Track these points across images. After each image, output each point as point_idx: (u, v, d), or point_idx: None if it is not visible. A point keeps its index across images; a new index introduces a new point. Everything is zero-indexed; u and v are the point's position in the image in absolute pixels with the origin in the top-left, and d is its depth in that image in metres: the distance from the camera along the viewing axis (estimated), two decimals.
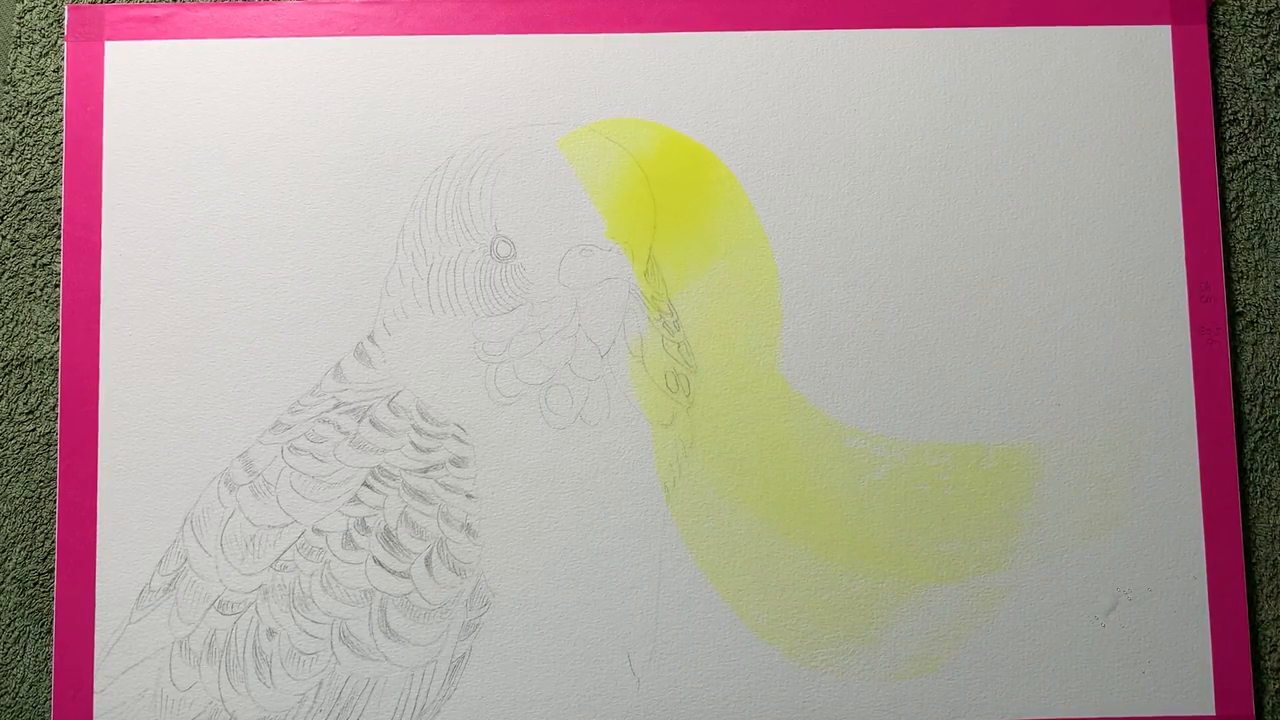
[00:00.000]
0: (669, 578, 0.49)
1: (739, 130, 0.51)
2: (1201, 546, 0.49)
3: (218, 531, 0.49)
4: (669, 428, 0.50)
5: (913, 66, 0.52)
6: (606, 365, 0.50)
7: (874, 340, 0.50)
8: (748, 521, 0.49)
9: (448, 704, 0.48)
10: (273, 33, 0.52)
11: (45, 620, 0.50)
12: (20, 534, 0.50)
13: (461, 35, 0.52)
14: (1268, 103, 0.52)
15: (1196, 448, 0.50)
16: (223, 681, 0.48)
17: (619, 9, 0.52)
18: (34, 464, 0.50)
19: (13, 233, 0.51)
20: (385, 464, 0.49)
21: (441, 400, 0.50)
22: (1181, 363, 0.50)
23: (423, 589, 0.49)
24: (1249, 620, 0.49)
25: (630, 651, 0.49)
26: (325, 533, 0.49)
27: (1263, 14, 0.53)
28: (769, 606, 0.49)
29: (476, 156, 0.51)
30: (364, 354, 0.50)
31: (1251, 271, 0.52)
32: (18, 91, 0.52)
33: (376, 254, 0.50)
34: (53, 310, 0.51)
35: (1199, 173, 0.51)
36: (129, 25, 0.51)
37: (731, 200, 0.51)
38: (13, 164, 0.52)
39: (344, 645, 0.48)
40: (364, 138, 0.51)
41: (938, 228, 0.51)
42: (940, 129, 0.51)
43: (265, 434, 0.50)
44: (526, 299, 0.50)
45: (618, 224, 0.51)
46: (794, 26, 0.52)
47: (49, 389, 0.51)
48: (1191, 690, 0.48)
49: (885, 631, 0.49)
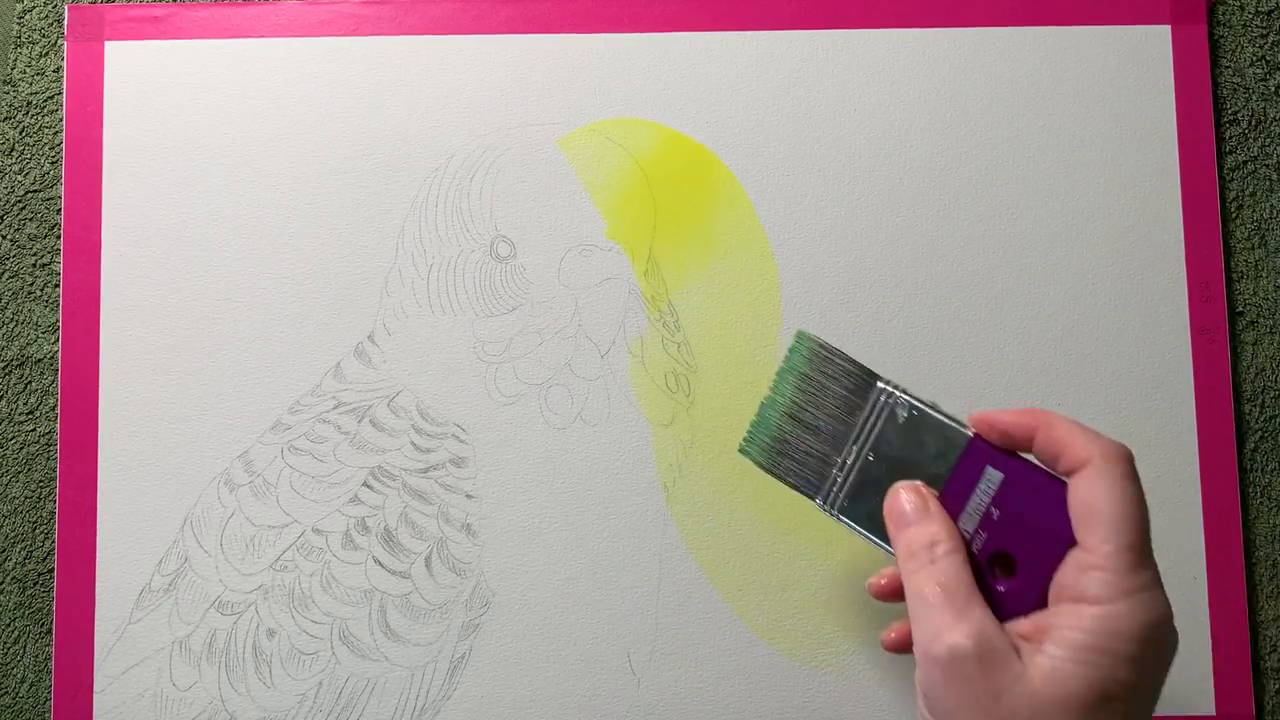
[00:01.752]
0: (669, 578, 0.49)
1: (739, 130, 0.51)
2: (1201, 546, 0.49)
3: (218, 531, 0.49)
4: (669, 428, 0.50)
5: (913, 66, 0.52)
6: (606, 365, 0.50)
7: (874, 340, 0.50)
8: (748, 521, 0.49)
9: (448, 704, 0.48)
10: (273, 33, 0.52)
11: (45, 620, 0.50)
12: (20, 534, 0.50)
13: (461, 35, 0.52)
14: (1268, 103, 0.52)
15: (1196, 448, 0.50)
16: (223, 681, 0.48)
17: (619, 9, 0.52)
18: (34, 464, 0.50)
19: (13, 233, 0.51)
20: (385, 464, 0.49)
21: (441, 400, 0.50)
22: (1181, 363, 0.50)
23: (423, 589, 0.49)
24: (1249, 620, 0.49)
25: (630, 651, 0.49)
26: (325, 533, 0.49)
27: (1263, 14, 0.53)
28: (769, 606, 0.49)
29: (476, 156, 0.51)
30: (364, 354, 0.50)
31: (1251, 271, 0.52)
32: (18, 91, 0.52)
33: (376, 254, 0.50)
34: (53, 310, 0.51)
35: (1199, 173, 0.51)
36: (129, 25, 0.51)
37: (731, 200, 0.51)
38: (13, 164, 0.52)
39: (344, 645, 0.48)
40: (364, 138, 0.51)
41: (938, 228, 0.51)
42: (940, 129, 0.51)
43: (265, 434, 0.50)
44: (526, 299, 0.50)
45: (618, 224, 0.51)
46: (794, 26, 0.52)
47: (49, 389, 0.51)
48: (1191, 690, 0.48)
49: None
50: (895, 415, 0.38)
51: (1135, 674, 0.32)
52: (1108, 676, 0.32)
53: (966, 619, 0.34)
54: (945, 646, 0.33)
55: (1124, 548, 0.33)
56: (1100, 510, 0.33)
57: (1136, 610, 0.32)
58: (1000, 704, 0.32)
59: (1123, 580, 0.32)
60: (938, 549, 0.36)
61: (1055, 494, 0.35)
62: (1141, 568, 0.33)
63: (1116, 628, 0.32)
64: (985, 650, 0.33)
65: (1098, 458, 0.34)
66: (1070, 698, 0.32)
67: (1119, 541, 0.33)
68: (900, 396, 0.38)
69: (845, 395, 0.39)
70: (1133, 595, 0.32)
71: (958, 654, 0.33)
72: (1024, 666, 0.33)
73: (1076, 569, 0.33)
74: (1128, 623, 0.32)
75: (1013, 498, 0.36)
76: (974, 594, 0.35)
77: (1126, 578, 0.32)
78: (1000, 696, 0.32)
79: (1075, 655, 0.32)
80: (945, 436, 0.37)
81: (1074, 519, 0.34)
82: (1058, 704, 0.32)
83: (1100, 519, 0.33)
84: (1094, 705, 0.32)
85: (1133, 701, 0.32)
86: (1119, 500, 0.33)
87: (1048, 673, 0.32)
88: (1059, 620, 0.33)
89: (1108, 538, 0.33)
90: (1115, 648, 0.32)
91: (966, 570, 0.35)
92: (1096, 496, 0.34)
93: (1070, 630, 0.32)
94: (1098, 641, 0.32)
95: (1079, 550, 0.34)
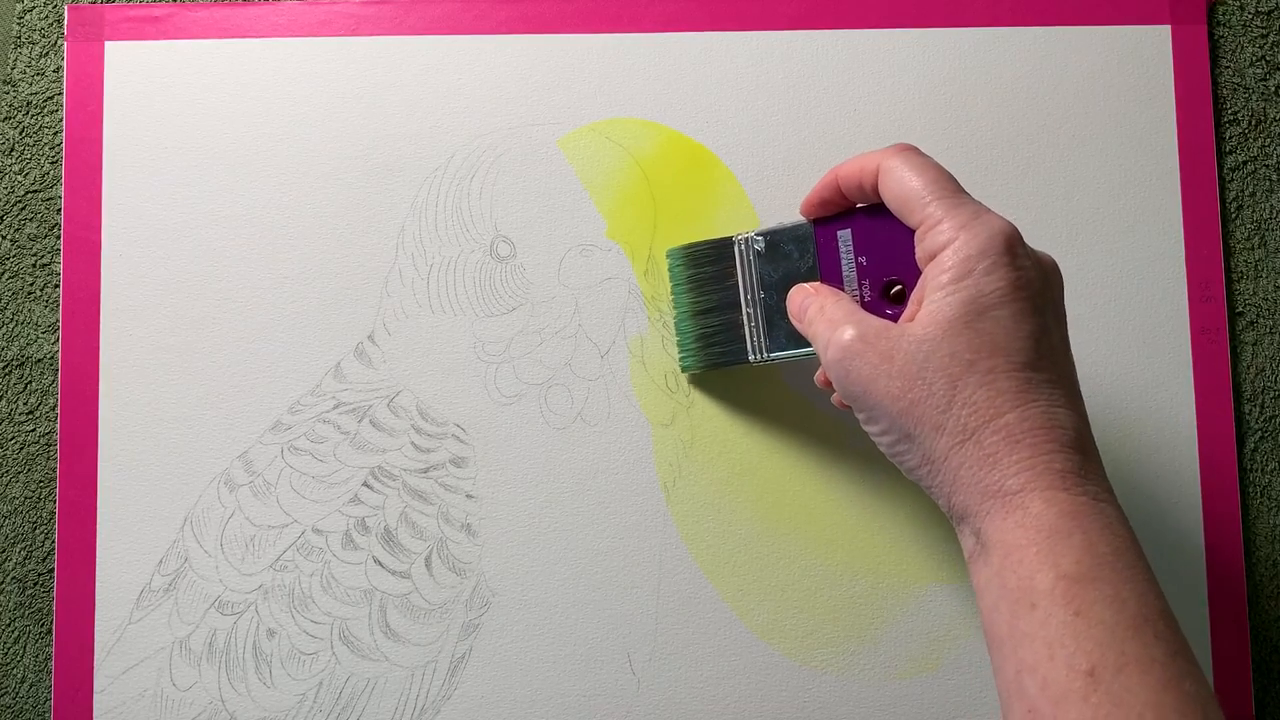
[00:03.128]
0: (669, 578, 0.49)
1: (739, 130, 0.51)
2: (1201, 546, 0.49)
3: (218, 531, 0.49)
4: (669, 428, 0.50)
5: (913, 66, 0.52)
6: (606, 365, 0.50)
7: None
8: (748, 521, 0.49)
9: (448, 704, 0.48)
10: (273, 33, 0.52)
11: (45, 620, 0.50)
12: (20, 534, 0.50)
13: (461, 35, 0.52)
14: (1268, 103, 0.52)
15: (1196, 448, 0.50)
16: (223, 681, 0.48)
17: (619, 9, 0.52)
18: (34, 464, 0.50)
19: (13, 233, 0.51)
20: (385, 464, 0.49)
21: (441, 400, 0.50)
22: (1181, 363, 0.50)
23: (423, 589, 0.49)
24: (1249, 620, 0.49)
25: (630, 651, 0.49)
26: (325, 533, 0.49)
27: (1263, 14, 0.53)
28: (769, 606, 0.49)
29: (476, 156, 0.51)
30: (364, 354, 0.50)
31: (1251, 271, 0.52)
32: (18, 91, 0.52)
33: (376, 254, 0.50)
34: (53, 310, 0.51)
35: (1199, 173, 0.51)
36: (129, 25, 0.51)
37: (731, 200, 0.51)
38: (13, 164, 0.52)
39: (344, 645, 0.48)
40: (364, 138, 0.51)
41: None
42: (940, 129, 0.51)
43: (265, 434, 0.50)
44: (526, 299, 0.50)
45: (618, 224, 0.51)
46: (794, 26, 0.52)
47: (49, 389, 0.51)
48: None
49: (885, 631, 0.49)
50: (757, 250, 0.44)
51: (1002, 281, 0.34)
52: (975, 293, 0.34)
53: (844, 320, 0.38)
54: (835, 346, 0.37)
55: (939, 198, 0.36)
56: (906, 188, 0.37)
57: (978, 231, 0.35)
58: (895, 361, 0.35)
59: (954, 219, 0.35)
60: (814, 295, 0.41)
61: (886, 213, 0.39)
62: (962, 204, 0.36)
63: (968, 253, 0.35)
64: (864, 330, 0.37)
65: (883, 160, 0.38)
66: (951, 322, 0.34)
67: (934, 196, 0.36)
68: (750, 235, 0.44)
69: (718, 268, 0.45)
70: (969, 224, 0.35)
71: (843, 343, 0.37)
72: (907, 326, 0.36)
73: (920, 241, 0.37)
74: (974, 244, 0.35)
75: (866, 240, 0.40)
76: (854, 309, 0.38)
77: (955, 215, 0.35)
78: (893, 356, 0.36)
79: (945, 291, 0.35)
80: (796, 236, 0.43)
81: (897, 213, 0.38)
82: (943, 333, 0.35)
83: (910, 193, 0.37)
84: (973, 319, 0.34)
85: (1014, 305, 0.34)
86: (915, 172, 0.37)
87: (926, 315, 0.35)
88: (926, 279, 0.36)
89: (925, 202, 0.36)
90: (972, 267, 0.35)
91: (844, 299, 0.40)
92: (897, 182, 0.37)
93: (935, 277, 0.35)
94: (957, 271, 0.35)
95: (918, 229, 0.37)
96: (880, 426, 0.37)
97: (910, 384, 0.35)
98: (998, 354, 0.34)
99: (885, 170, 0.38)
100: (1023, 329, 0.34)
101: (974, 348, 0.34)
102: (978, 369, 0.34)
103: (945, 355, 0.34)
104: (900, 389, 0.35)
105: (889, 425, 0.36)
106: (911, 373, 0.35)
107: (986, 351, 0.34)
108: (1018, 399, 0.34)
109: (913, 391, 0.35)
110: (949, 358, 0.34)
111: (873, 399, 0.36)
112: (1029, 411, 0.34)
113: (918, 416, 0.35)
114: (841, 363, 0.37)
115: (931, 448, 0.35)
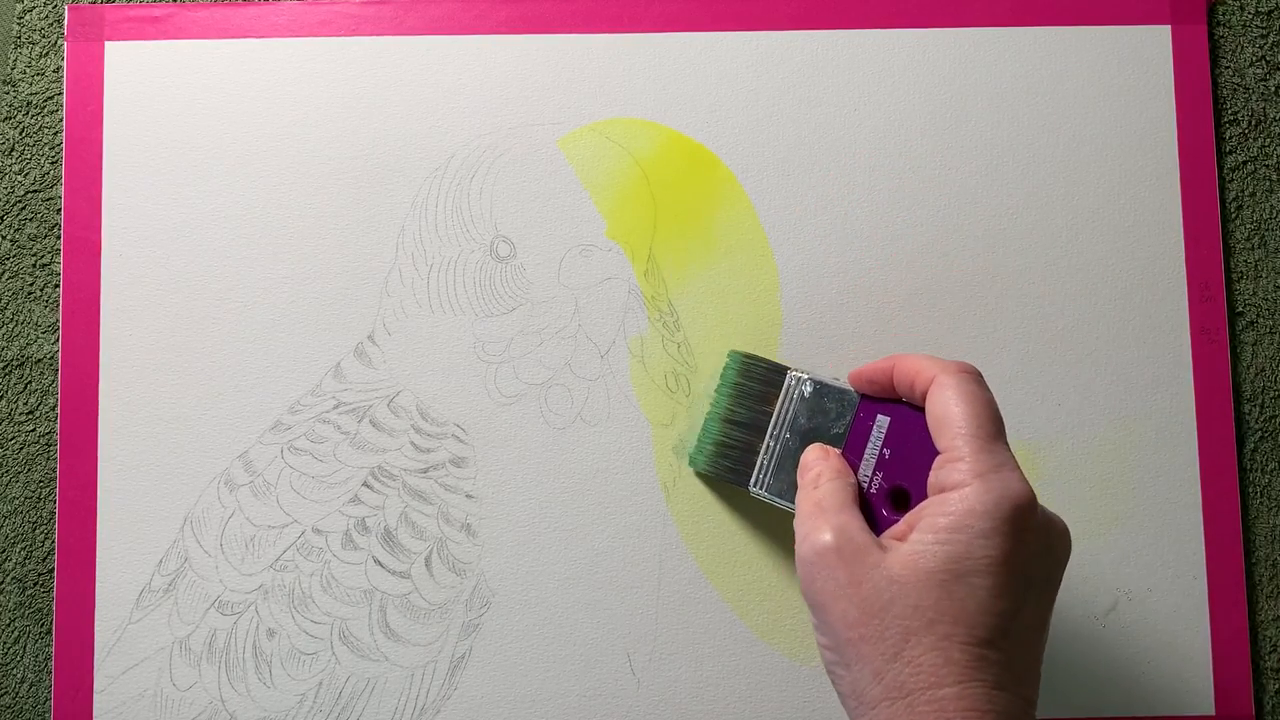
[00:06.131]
0: (669, 578, 0.49)
1: (739, 130, 0.51)
2: (1201, 546, 0.49)
3: (218, 531, 0.49)
4: (669, 428, 0.50)
5: (913, 66, 0.52)
6: (606, 365, 0.50)
7: (874, 340, 0.50)
8: (748, 521, 0.49)
9: (448, 704, 0.48)
10: (273, 33, 0.52)
11: (45, 620, 0.50)
12: (20, 534, 0.50)
13: (461, 35, 0.52)
14: (1268, 103, 0.52)
15: (1196, 448, 0.50)
16: (223, 681, 0.48)
17: (619, 9, 0.52)
18: (34, 464, 0.50)
19: (13, 233, 0.51)
20: (385, 464, 0.49)
21: (441, 400, 0.50)
22: (1181, 363, 0.50)
23: (423, 589, 0.49)
24: (1249, 620, 0.49)
25: (630, 651, 0.49)
26: (325, 533, 0.49)
27: (1263, 14, 0.53)
28: (769, 606, 0.49)
29: (476, 156, 0.51)
30: (364, 354, 0.50)
31: (1251, 271, 0.52)
32: (18, 91, 0.52)
33: (376, 254, 0.50)
34: (53, 310, 0.51)
35: (1199, 173, 0.51)
36: (129, 25, 0.51)
37: (731, 200, 0.51)
38: (13, 164, 0.52)
39: (344, 645, 0.48)
40: (364, 138, 0.51)
41: (938, 228, 0.51)
42: (940, 129, 0.51)
43: (265, 434, 0.50)
44: (526, 299, 0.50)
45: (618, 224, 0.51)
46: (794, 26, 0.52)
47: (49, 389, 0.51)
48: (1191, 690, 0.48)
49: None
50: (803, 393, 0.44)
51: (994, 550, 0.33)
52: (963, 553, 0.33)
53: (831, 521, 0.36)
54: (810, 545, 0.36)
55: (972, 436, 0.35)
56: (947, 412, 0.36)
57: (991, 488, 0.34)
58: (861, 589, 0.34)
59: (975, 464, 0.34)
60: (821, 478, 0.40)
61: (923, 422, 0.38)
62: (991, 451, 0.35)
63: (971, 506, 0.34)
64: (844, 542, 0.35)
65: (940, 374, 0.37)
66: (928, 575, 0.33)
67: (967, 432, 0.35)
68: (805, 376, 0.44)
69: (764, 389, 0.45)
70: (986, 475, 0.34)
71: (818, 548, 0.36)
72: (885, 556, 0.35)
73: (937, 469, 0.36)
74: (981, 500, 0.34)
75: (898, 437, 0.40)
76: (846, 507, 0.37)
77: (978, 460, 0.34)
78: (861, 583, 0.34)
79: (936, 537, 0.34)
80: (841, 400, 0.43)
81: (931, 432, 0.37)
82: (915, 582, 0.33)
83: (948, 419, 0.36)
84: (949, 580, 0.33)
85: (996, 578, 0.33)
86: (962, 400, 0.36)
87: (907, 556, 0.34)
88: (924, 511, 0.35)
89: (957, 433, 0.35)
90: (970, 524, 0.33)
91: (846, 494, 0.38)
92: (941, 403, 0.36)
93: (931, 516, 0.34)
94: (954, 521, 0.34)
95: (940, 455, 0.36)
96: (826, 640, 0.36)
97: (867, 619, 0.34)
98: (960, 623, 0.33)
99: (937, 385, 0.37)
100: (996, 605, 0.33)
101: (940, 609, 0.33)
102: (935, 631, 0.33)
103: (910, 606, 0.33)
104: (856, 619, 0.34)
105: (834, 644, 0.35)
106: (872, 609, 0.34)
107: (950, 617, 0.33)
108: (963, 674, 0.32)
109: (866, 627, 0.34)
110: (912, 609, 0.33)
111: (829, 615, 0.35)
112: (969, 690, 0.32)
113: (863, 655, 0.34)
114: (811, 566, 0.36)
115: (864, 691, 0.34)
